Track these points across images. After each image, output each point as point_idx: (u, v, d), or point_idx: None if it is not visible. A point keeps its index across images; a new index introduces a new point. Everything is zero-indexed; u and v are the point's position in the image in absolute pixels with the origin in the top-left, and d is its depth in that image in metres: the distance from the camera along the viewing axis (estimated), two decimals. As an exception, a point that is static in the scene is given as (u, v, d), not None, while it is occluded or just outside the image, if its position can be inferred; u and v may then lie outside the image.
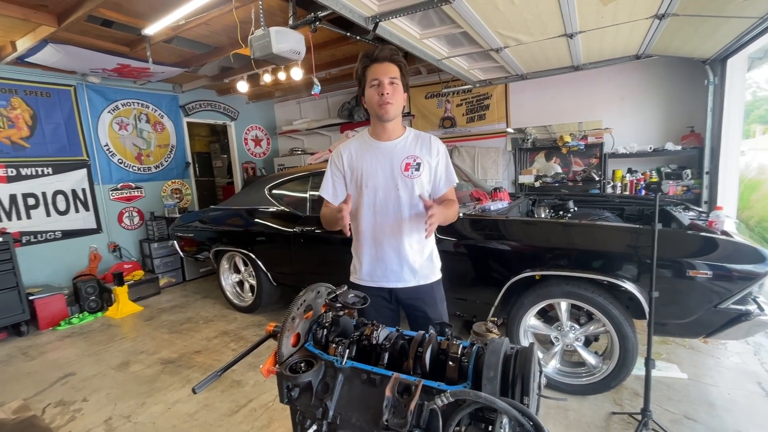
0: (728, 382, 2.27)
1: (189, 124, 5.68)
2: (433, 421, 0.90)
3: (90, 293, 4.05)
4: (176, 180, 5.46)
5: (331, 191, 1.56)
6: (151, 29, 3.13)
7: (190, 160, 5.62)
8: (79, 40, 3.48)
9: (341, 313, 1.23)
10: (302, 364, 1.11)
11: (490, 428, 0.89)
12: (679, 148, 3.88)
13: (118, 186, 4.84)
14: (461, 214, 2.50)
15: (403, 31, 2.68)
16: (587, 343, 2.30)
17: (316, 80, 2.93)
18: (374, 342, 1.11)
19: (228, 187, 6.99)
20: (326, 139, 6.48)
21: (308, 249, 3.20)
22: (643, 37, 3.09)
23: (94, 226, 4.62)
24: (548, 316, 2.39)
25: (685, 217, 2.58)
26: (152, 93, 5.13)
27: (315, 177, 3.35)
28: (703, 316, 1.86)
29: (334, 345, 1.11)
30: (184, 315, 3.87)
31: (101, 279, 4.30)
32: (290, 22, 2.72)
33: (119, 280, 4.08)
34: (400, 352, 1.11)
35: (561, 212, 3.25)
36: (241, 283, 3.93)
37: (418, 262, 1.53)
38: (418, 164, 1.46)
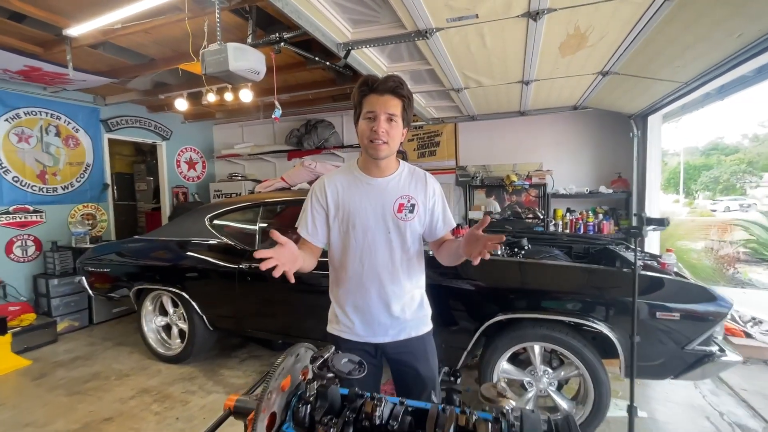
0: (682, 420, 2.36)
1: (111, 141, 4.99)
2: None
3: (-45, 345, 3.15)
4: (90, 204, 4.68)
5: (309, 228, 1.35)
6: (76, 30, 2.69)
7: (108, 181, 4.88)
8: (-24, 33, 2.88)
9: (327, 382, 0.99)
10: (283, 457, 0.84)
11: None
12: (611, 191, 4.27)
13: (10, 209, 3.99)
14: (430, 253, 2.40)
15: (371, 61, 2.60)
16: (559, 386, 2.25)
17: (277, 103, 2.70)
18: (377, 422, 0.89)
19: (153, 213, 6.20)
20: (270, 166, 6.13)
21: (256, 289, 2.83)
22: (584, 90, 3.39)
23: (-30, 257, 3.71)
24: (519, 359, 2.32)
25: (630, 256, 2.74)
26: (66, 103, 4.42)
27: (266, 208, 3.04)
28: (672, 358, 1.91)
29: (323, 426, 0.87)
30: (89, 369, 3.16)
31: (-26, 326, 3.39)
32: (249, 40, 2.51)
33: (2, 326, 3.24)
34: (410, 430, 0.90)
35: (516, 249, 3.31)
36: (167, 328, 3.36)
37: (408, 312, 1.36)
38: (413, 205, 1.31)
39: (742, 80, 2.86)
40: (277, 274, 1.06)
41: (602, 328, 2.00)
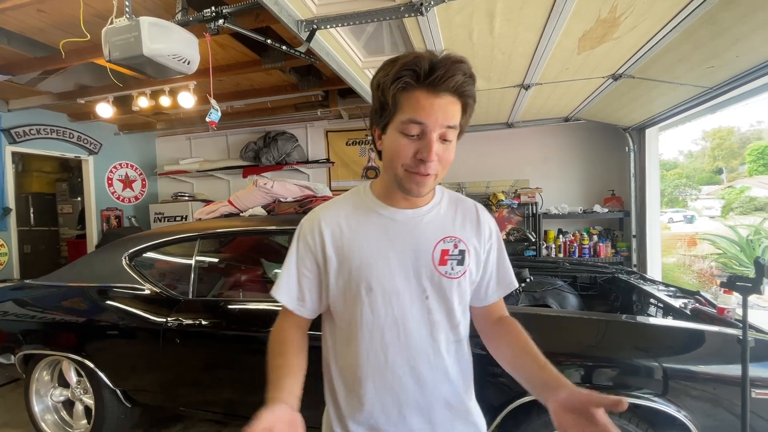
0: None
1: (23, 156, 4.06)
2: None
3: None
4: (-18, 234, 3.71)
5: (295, 293, 0.85)
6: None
7: (11, 204, 3.92)
8: None
9: None
10: None
11: None
12: (606, 210, 3.90)
13: None
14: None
15: (344, 53, 2.02)
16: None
17: (213, 102, 2.03)
18: None
19: (77, 241, 5.21)
20: (223, 184, 5.35)
21: (188, 352, 2.09)
22: (585, 97, 3.00)
23: None
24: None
25: (657, 291, 2.28)
26: (-49, 107, 3.50)
27: (205, 240, 2.33)
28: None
29: None
30: (-55, 475, 2.24)
31: None
32: (178, 16, 1.85)
33: None
34: None
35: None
36: (70, 404, 2.50)
37: (459, 431, 0.84)
38: (461, 253, 0.81)
39: (762, 89, 2.55)
40: None
41: (665, 407, 1.47)
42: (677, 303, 2.00)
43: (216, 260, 2.48)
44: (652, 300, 2.30)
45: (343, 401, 0.83)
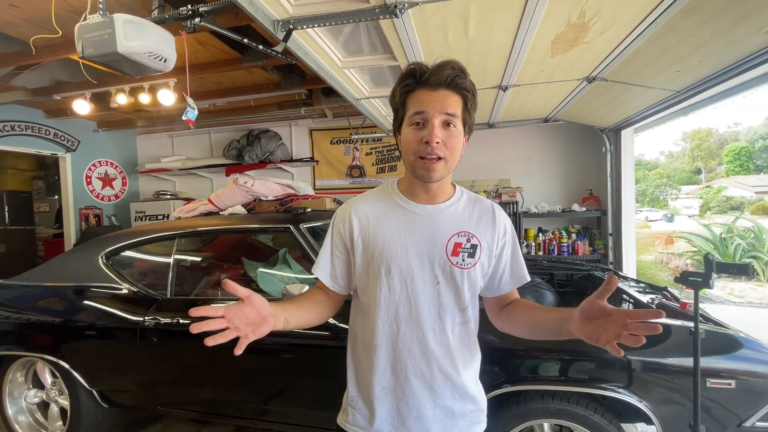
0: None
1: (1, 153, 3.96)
2: None
3: None
4: (-47, 233, 3.60)
5: (328, 270, 1.01)
6: None
7: (-16, 203, 3.82)
8: None
9: None
10: None
11: None
12: (584, 209, 4.00)
13: None
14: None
15: (323, 53, 2.03)
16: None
17: (190, 101, 2.02)
18: None
19: (54, 240, 5.10)
20: (206, 182, 5.31)
21: (165, 352, 2.09)
22: (562, 99, 3.06)
23: None
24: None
25: (628, 287, 2.36)
26: None
27: (184, 239, 2.32)
28: (724, 438, 1.47)
29: None
30: None
31: None
32: (155, 13, 1.84)
33: None
34: None
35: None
36: (45, 405, 2.46)
37: (458, 404, 0.94)
38: (473, 247, 0.92)
39: (729, 92, 2.66)
40: (223, 339, 0.74)
41: (628, 398, 1.54)
42: (645, 298, 2.07)
43: (195, 259, 2.47)
44: (624, 296, 2.37)
45: (361, 366, 0.96)
